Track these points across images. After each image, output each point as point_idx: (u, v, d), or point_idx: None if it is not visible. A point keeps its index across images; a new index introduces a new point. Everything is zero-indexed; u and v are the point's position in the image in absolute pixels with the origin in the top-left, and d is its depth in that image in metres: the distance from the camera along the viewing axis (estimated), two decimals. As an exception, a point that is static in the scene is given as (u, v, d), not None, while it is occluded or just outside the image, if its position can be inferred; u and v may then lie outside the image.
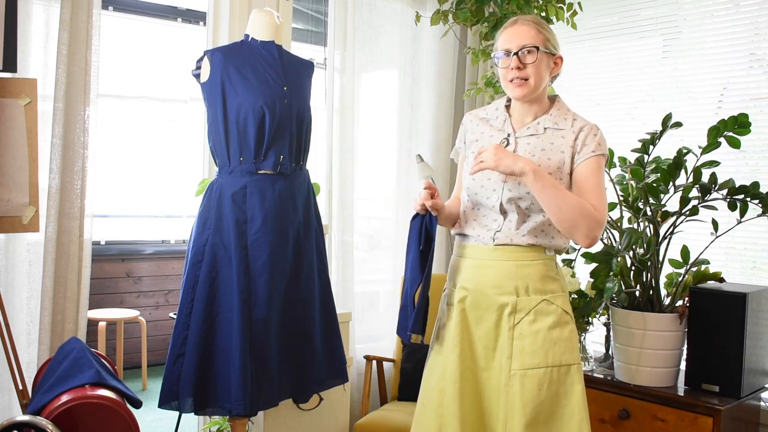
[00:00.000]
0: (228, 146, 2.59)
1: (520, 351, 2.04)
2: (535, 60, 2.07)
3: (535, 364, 2.03)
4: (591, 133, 2.09)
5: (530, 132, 2.13)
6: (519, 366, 2.03)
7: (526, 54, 2.07)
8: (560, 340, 2.05)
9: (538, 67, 2.07)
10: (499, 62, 2.12)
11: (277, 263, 2.58)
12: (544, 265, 2.09)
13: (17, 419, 2.03)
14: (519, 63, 2.07)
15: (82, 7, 2.76)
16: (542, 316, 2.06)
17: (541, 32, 2.09)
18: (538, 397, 2.01)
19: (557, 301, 2.08)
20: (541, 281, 2.08)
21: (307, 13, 4.32)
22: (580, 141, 2.08)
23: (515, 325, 2.06)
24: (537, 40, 2.08)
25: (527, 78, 2.07)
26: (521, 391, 2.01)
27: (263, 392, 2.56)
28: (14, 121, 2.54)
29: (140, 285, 5.71)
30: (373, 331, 3.87)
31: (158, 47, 5.73)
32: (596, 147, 2.07)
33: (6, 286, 2.73)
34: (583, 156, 2.06)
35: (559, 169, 2.07)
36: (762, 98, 3.13)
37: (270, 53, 2.67)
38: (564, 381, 2.03)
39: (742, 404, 2.71)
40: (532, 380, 2.02)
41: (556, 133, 2.10)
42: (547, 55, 2.10)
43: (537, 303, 2.06)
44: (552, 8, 3.46)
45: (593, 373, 2.98)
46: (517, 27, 2.10)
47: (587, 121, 2.13)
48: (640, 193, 2.86)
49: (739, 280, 3.09)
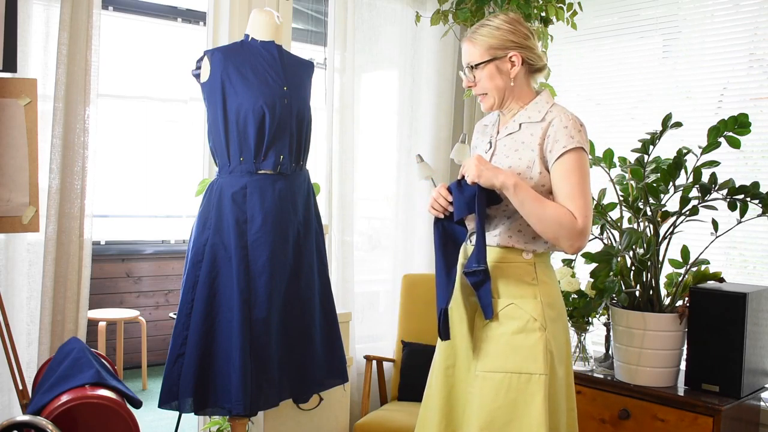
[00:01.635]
0: (228, 146, 2.59)
1: (485, 353, 2.01)
2: (480, 76, 2.06)
3: (494, 368, 1.98)
4: (561, 126, 1.97)
5: (508, 131, 2.09)
6: (481, 368, 2.00)
7: (473, 71, 2.07)
8: (522, 347, 1.97)
9: (486, 79, 2.05)
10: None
11: (277, 263, 2.58)
12: (518, 269, 2.02)
13: (17, 419, 2.03)
14: (469, 82, 2.10)
15: (82, 7, 2.76)
16: (508, 320, 2.00)
17: (478, 43, 2.04)
18: (494, 402, 1.96)
19: (526, 307, 2.00)
20: (512, 285, 2.02)
21: (307, 13, 4.32)
22: (551, 137, 1.98)
23: (483, 326, 2.03)
24: (475, 56, 2.05)
25: (483, 93, 2.08)
26: (480, 393, 1.98)
27: (263, 392, 2.56)
28: (14, 121, 2.54)
29: (140, 285, 5.71)
30: (373, 331, 3.87)
31: (158, 47, 5.73)
32: (568, 140, 1.96)
33: (6, 286, 2.73)
34: (555, 154, 1.97)
35: (529, 167, 2.00)
36: (762, 98, 3.13)
37: (270, 53, 2.67)
38: (524, 390, 1.95)
39: (742, 404, 2.71)
40: (491, 384, 1.97)
41: (528, 129, 2.04)
42: (493, 62, 2.04)
43: (504, 306, 2.01)
44: (552, 8, 3.46)
45: (593, 373, 2.98)
46: (464, 45, 2.10)
47: (561, 111, 2.02)
48: (640, 193, 2.86)
49: (739, 280, 3.09)
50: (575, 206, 1.93)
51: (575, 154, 1.96)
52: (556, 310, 2.05)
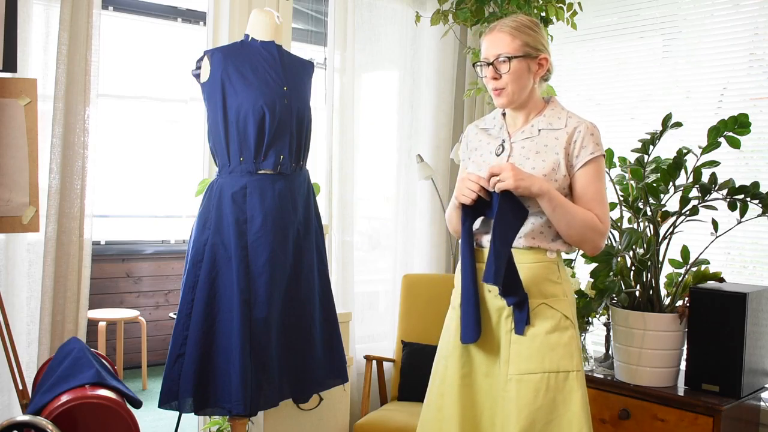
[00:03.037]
0: (228, 146, 2.59)
1: (517, 355, 1.99)
2: (508, 70, 2.03)
3: (531, 369, 1.97)
4: (587, 133, 2.03)
5: (525, 135, 2.09)
6: (515, 371, 1.98)
7: (501, 64, 2.03)
8: (558, 345, 1.98)
9: (514, 75, 2.03)
10: (479, 72, 2.11)
11: (277, 263, 2.58)
12: (544, 268, 2.04)
13: (17, 419, 2.03)
14: (494, 73, 2.05)
15: (82, 7, 2.76)
16: (540, 320, 2.00)
17: (517, 37, 2.03)
18: (534, 404, 1.95)
19: (557, 305, 2.02)
20: (540, 284, 2.03)
21: (307, 13, 4.31)
22: (578, 143, 2.03)
23: (512, 329, 2.02)
24: (511, 49, 2.02)
25: (503, 87, 2.05)
26: (517, 396, 1.96)
27: (263, 392, 2.56)
28: (14, 121, 2.54)
29: (140, 285, 5.71)
30: (373, 331, 3.87)
31: (158, 47, 5.73)
32: (594, 148, 2.03)
33: (6, 286, 2.73)
34: (582, 160, 2.03)
35: (554, 170, 2.02)
36: (762, 98, 3.13)
37: (270, 53, 2.67)
38: (562, 388, 1.96)
39: (742, 404, 2.71)
40: (528, 386, 1.96)
41: (550, 134, 2.06)
42: (527, 59, 2.04)
43: (535, 306, 2.01)
44: (552, 8, 3.46)
45: (593, 373, 2.98)
46: (494, 35, 2.06)
47: (582, 119, 2.08)
48: (640, 193, 2.86)
49: (739, 280, 3.09)
50: (600, 210, 2.02)
51: (600, 161, 2.05)
52: (575, 307, 2.12)
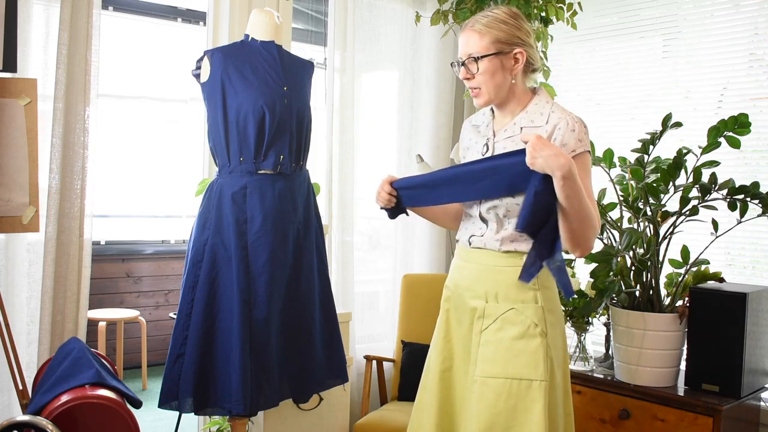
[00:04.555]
0: (228, 146, 2.59)
1: (483, 358, 1.97)
2: (478, 70, 1.98)
3: (494, 374, 1.94)
4: (568, 130, 1.93)
5: (507, 134, 2.03)
6: (480, 373, 1.96)
7: (471, 64, 1.99)
8: (524, 352, 1.94)
9: (486, 74, 1.97)
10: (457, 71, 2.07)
11: (277, 263, 2.58)
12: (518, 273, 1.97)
13: (17, 419, 2.03)
14: (467, 73, 2.01)
15: (82, 7, 2.76)
16: (508, 325, 1.96)
17: (487, 34, 1.97)
18: (494, 408, 1.92)
19: (527, 312, 1.96)
20: (513, 289, 1.97)
21: (307, 13, 4.31)
22: (558, 141, 1.93)
23: (482, 331, 1.99)
24: (480, 48, 1.97)
25: (478, 87, 2.00)
26: (479, 398, 1.95)
27: (263, 392, 2.56)
28: (14, 121, 2.54)
29: (140, 285, 5.71)
30: (373, 331, 3.87)
31: (158, 47, 5.73)
32: (576, 145, 1.92)
33: (6, 286, 2.73)
34: None
35: None
36: (762, 98, 3.13)
37: (270, 53, 2.67)
38: (524, 396, 1.91)
39: (742, 404, 2.71)
40: (490, 389, 1.94)
41: (532, 132, 1.96)
42: (498, 56, 1.97)
43: (505, 311, 1.97)
44: (552, 8, 3.46)
45: (593, 373, 2.98)
46: (465, 34, 2.02)
47: (565, 114, 1.97)
48: (640, 193, 2.86)
49: (739, 280, 3.09)
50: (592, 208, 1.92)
51: (584, 157, 1.94)
52: (556, 315, 2.03)
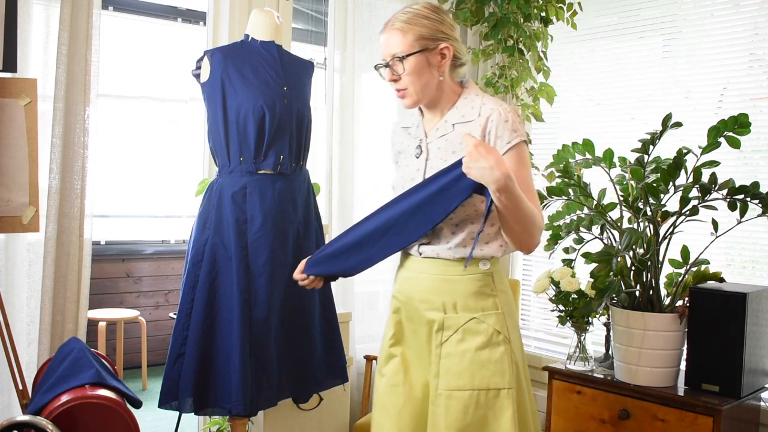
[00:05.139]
0: (228, 146, 2.59)
1: (447, 371, 1.90)
2: (403, 70, 1.90)
3: (461, 386, 1.88)
4: (501, 121, 1.86)
5: (440, 133, 1.95)
6: (445, 386, 1.89)
7: (395, 64, 1.91)
8: (489, 362, 1.88)
9: (412, 74, 1.90)
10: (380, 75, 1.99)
11: (277, 263, 2.58)
12: (477, 281, 1.91)
13: (17, 419, 2.03)
14: (392, 75, 1.93)
15: (82, 7, 2.76)
16: (470, 336, 1.89)
17: (409, 32, 1.90)
18: (462, 420, 1.86)
19: (488, 320, 1.90)
20: (471, 298, 1.91)
21: (307, 13, 4.31)
22: (492, 134, 1.87)
23: (443, 343, 1.91)
24: (403, 47, 1.89)
25: (405, 88, 1.92)
26: (446, 412, 1.88)
27: (263, 392, 2.56)
28: (14, 121, 2.54)
29: (140, 285, 5.71)
30: (373, 331, 3.87)
31: (158, 47, 5.73)
32: (511, 136, 1.86)
33: (6, 286, 2.73)
34: (500, 150, 1.85)
35: None
36: (762, 98, 3.13)
37: (270, 53, 2.68)
38: (492, 405, 1.87)
39: (742, 404, 2.71)
40: (458, 402, 1.87)
41: (464, 128, 1.91)
42: (424, 53, 1.89)
43: (465, 321, 1.90)
44: (552, 8, 3.46)
45: (593, 373, 2.98)
46: (386, 34, 1.94)
47: (497, 103, 1.91)
48: (640, 193, 2.86)
49: (739, 280, 3.09)
50: (533, 203, 1.84)
51: (520, 148, 1.87)
52: (514, 318, 1.99)
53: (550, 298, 3.12)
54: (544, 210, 3.07)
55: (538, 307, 3.96)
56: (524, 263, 3.98)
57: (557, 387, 3.04)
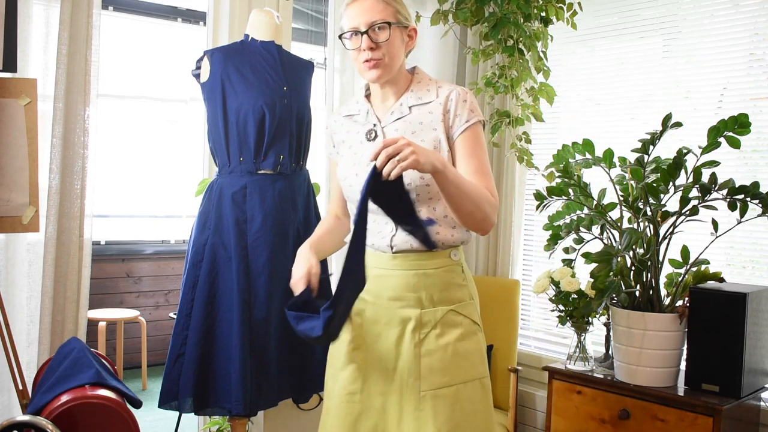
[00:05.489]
0: (228, 146, 2.59)
1: (429, 370, 1.83)
2: (388, 37, 1.84)
3: (446, 383, 1.82)
4: (460, 100, 1.87)
5: (395, 116, 1.91)
6: (429, 386, 1.82)
7: (378, 32, 1.84)
8: (469, 352, 1.86)
9: (392, 44, 1.85)
10: (348, 44, 1.89)
11: (277, 263, 2.58)
12: (450, 272, 1.89)
13: (17, 419, 2.03)
14: (371, 42, 1.84)
15: (82, 7, 2.76)
16: (449, 329, 1.85)
17: (390, 4, 1.87)
18: (452, 419, 1.81)
19: (464, 311, 1.89)
20: (446, 290, 1.88)
21: (307, 13, 4.31)
22: (452, 112, 1.87)
23: (421, 341, 1.85)
24: (387, 14, 1.85)
25: (380, 58, 1.85)
26: (434, 414, 1.80)
27: (263, 392, 2.56)
28: (14, 121, 2.54)
29: (140, 285, 5.72)
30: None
31: (158, 47, 5.73)
32: (469, 115, 1.87)
33: (6, 286, 2.73)
34: (458, 128, 1.86)
35: (436, 148, 1.85)
36: (762, 98, 3.13)
37: (270, 53, 2.68)
38: (474, 396, 1.86)
39: (742, 404, 2.71)
40: (444, 401, 1.82)
41: (422, 109, 1.89)
42: (400, 28, 1.88)
43: (443, 314, 1.86)
44: (552, 8, 3.46)
45: (593, 373, 2.98)
46: (362, 2, 1.86)
47: (453, 85, 1.92)
48: (640, 193, 2.86)
49: (739, 280, 3.09)
50: (487, 183, 1.83)
51: (478, 127, 1.88)
52: (478, 305, 1.98)
53: (550, 298, 3.12)
54: (544, 210, 3.07)
55: (538, 307, 3.96)
56: (524, 263, 3.98)
57: (557, 387, 3.04)
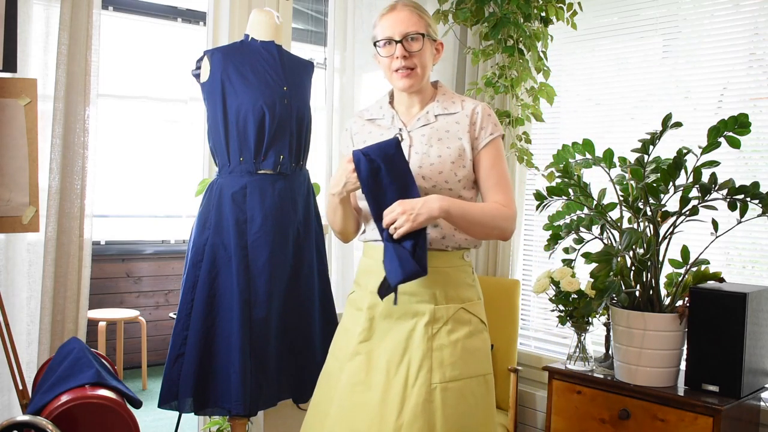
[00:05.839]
0: (228, 146, 2.59)
1: (440, 363, 1.92)
2: (420, 47, 1.98)
3: (455, 376, 1.92)
4: (485, 114, 2.03)
5: (422, 122, 2.05)
6: (439, 379, 1.91)
7: (411, 41, 1.98)
8: (476, 349, 1.98)
9: (423, 55, 2.00)
10: (381, 51, 2.02)
11: (277, 263, 2.58)
12: (462, 272, 2.02)
13: (17, 419, 2.03)
14: (404, 51, 1.98)
15: (82, 7, 2.76)
16: (460, 325, 1.96)
17: (423, 17, 2.01)
18: (458, 410, 1.91)
19: (473, 309, 2.01)
20: (458, 288, 2.00)
21: (307, 13, 4.32)
22: (478, 124, 2.02)
23: (434, 335, 1.94)
24: (420, 26, 1.99)
25: (413, 67, 1.99)
26: (443, 405, 1.89)
27: (263, 392, 2.56)
28: (14, 121, 2.54)
29: (140, 285, 5.72)
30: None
31: (158, 47, 5.73)
32: (493, 128, 2.03)
33: (6, 286, 2.73)
34: (483, 141, 2.02)
35: (461, 156, 2.00)
36: (762, 98, 3.13)
37: (270, 53, 2.68)
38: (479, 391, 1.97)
39: (742, 404, 2.71)
40: (452, 393, 1.91)
41: (448, 119, 2.04)
42: (430, 41, 2.03)
43: (455, 311, 1.97)
44: (552, 8, 3.46)
45: (593, 373, 2.98)
46: (398, 13, 2.00)
47: (476, 101, 2.08)
48: (640, 193, 2.86)
49: (739, 280, 3.09)
50: (505, 195, 2.00)
51: (499, 141, 2.05)
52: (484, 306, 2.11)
53: (550, 298, 3.12)
54: (544, 210, 3.07)
55: (538, 307, 3.96)
56: (524, 263, 3.98)
57: (557, 387, 3.04)
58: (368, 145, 1.99)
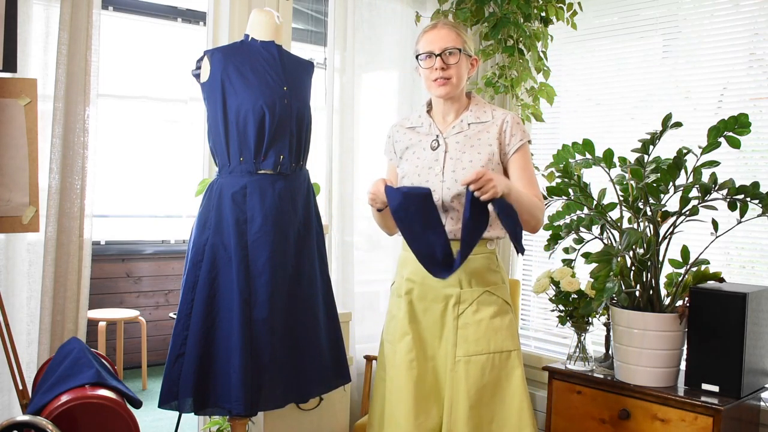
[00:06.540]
0: (228, 146, 2.59)
1: (464, 339, 2.21)
2: (457, 61, 2.23)
3: (478, 351, 2.20)
4: (514, 123, 2.27)
5: (456, 130, 2.30)
6: (463, 353, 2.20)
7: (449, 55, 2.23)
8: (501, 328, 2.23)
9: (459, 67, 2.24)
10: (423, 63, 2.28)
11: (278, 263, 2.58)
12: (486, 259, 2.27)
13: (17, 419, 2.03)
14: (443, 63, 2.23)
15: (82, 7, 2.76)
16: (484, 307, 2.24)
17: (461, 35, 2.26)
18: (481, 381, 2.18)
19: (498, 292, 2.27)
20: (483, 274, 2.26)
21: (307, 13, 4.32)
22: (507, 132, 2.26)
23: (459, 315, 2.23)
24: (458, 43, 2.24)
25: (450, 77, 2.24)
26: (465, 376, 2.18)
27: (263, 392, 2.55)
28: (14, 121, 2.54)
29: (140, 285, 5.72)
30: (373, 331, 3.87)
31: (158, 47, 5.73)
32: (522, 135, 2.27)
33: (6, 286, 2.73)
34: (513, 147, 2.26)
35: (489, 161, 2.24)
36: (762, 98, 3.13)
37: (270, 53, 2.67)
38: (505, 366, 2.21)
39: (742, 404, 2.71)
40: (476, 366, 2.18)
41: (480, 127, 2.29)
42: (467, 57, 2.28)
43: (479, 294, 2.24)
44: (552, 8, 3.47)
45: (593, 373, 2.98)
46: (438, 31, 2.26)
47: (505, 111, 2.32)
48: (640, 193, 2.86)
49: (739, 280, 3.09)
50: (536, 191, 2.26)
51: (527, 146, 2.30)
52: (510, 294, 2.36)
53: (550, 298, 3.12)
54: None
55: (538, 307, 3.96)
56: (524, 263, 3.98)
57: (557, 387, 3.04)
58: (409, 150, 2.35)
